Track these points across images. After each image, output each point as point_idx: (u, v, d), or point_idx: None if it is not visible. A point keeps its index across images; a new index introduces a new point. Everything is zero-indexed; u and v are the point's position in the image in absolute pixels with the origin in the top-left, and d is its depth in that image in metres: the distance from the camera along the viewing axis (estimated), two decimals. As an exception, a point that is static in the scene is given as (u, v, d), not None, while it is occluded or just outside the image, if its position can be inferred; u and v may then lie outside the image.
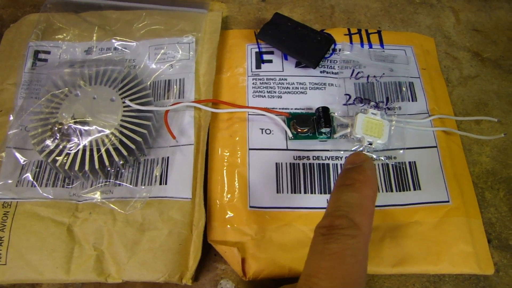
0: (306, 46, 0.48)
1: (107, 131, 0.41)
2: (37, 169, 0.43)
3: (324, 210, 0.41)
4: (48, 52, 0.49)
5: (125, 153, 0.41)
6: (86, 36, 0.50)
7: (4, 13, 0.55)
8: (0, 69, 0.49)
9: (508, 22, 0.56)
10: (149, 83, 0.47)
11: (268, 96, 0.47)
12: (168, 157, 0.43)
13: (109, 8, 0.52)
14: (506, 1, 0.58)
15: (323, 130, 0.44)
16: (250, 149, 0.44)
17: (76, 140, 0.41)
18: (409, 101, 0.47)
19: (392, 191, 0.43)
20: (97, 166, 0.40)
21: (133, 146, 0.41)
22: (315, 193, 0.42)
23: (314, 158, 0.44)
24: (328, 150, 0.44)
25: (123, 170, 0.43)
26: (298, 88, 0.48)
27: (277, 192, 0.42)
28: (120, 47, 0.49)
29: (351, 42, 0.51)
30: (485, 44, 0.54)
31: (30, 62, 0.49)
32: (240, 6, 0.56)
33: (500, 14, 0.57)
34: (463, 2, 0.58)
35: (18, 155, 0.43)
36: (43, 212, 0.41)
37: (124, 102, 0.43)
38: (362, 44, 0.51)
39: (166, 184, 0.42)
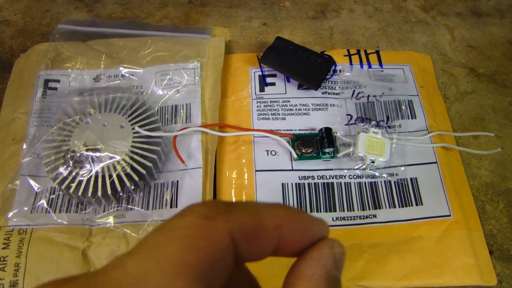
0: (308, 68, 0.50)
1: (118, 157, 0.42)
2: (51, 196, 0.44)
3: (329, 227, 0.43)
4: (58, 81, 0.51)
5: (136, 178, 0.42)
6: (94, 64, 0.52)
7: (13, 43, 0.57)
8: (12, 99, 0.50)
9: (501, 37, 0.58)
10: (156, 108, 0.49)
11: (272, 118, 0.49)
12: (177, 181, 0.45)
13: (115, 36, 0.54)
14: (498, 18, 0.60)
15: (327, 150, 0.45)
16: (256, 170, 0.45)
17: (88, 166, 0.42)
18: (408, 118, 0.49)
19: (395, 207, 0.44)
20: (109, 192, 0.41)
21: (143, 171, 0.42)
22: (320, 211, 0.44)
23: (319, 177, 0.45)
24: (332, 169, 0.46)
25: (135, 195, 0.44)
26: (301, 110, 0.49)
27: (284, 212, 0.43)
28: (127, 74, 0.51)
29: (350, 63, 0.53)
30: (480, 60, 0.56)
31: (40, 91, 0.50)
32: (242, 30, 0.57)
33: (493, 30, 0.59)
34: (457, 20, 0.59)
35: (32, 182, 0.44)
36: (57, 238, 0.42)
37: (133, 129, 0.44)
38: (361, 65, 0.53)
39: (176, 207, 0.43)
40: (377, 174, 0.45)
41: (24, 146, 0.47)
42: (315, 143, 0.46)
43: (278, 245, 0.22)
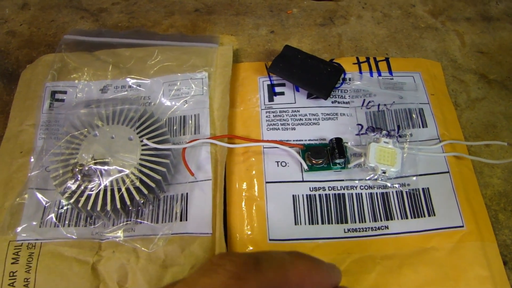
0: (317, 77, 0.49)
1: (127, 171, 0.42)
2: (60, 210, 0.44)
3: (341, 239, 0.42)
4: (65, 92, 0.51)
5: (145, 191, 0.42)
6: (101, 75, 0.51)
7: (19, 54, 0.56)
8: (19, 110, 0.50)
9: (511, 42, 0.57)
10: (164, 119, 0.48)
11: (282, 128, 0.48)
12: (187, 193, 0.44)
13: (121, 46, 0.54)
14: (508, 22, 0.59)
15: (338, 160, 0.45)
16: (267, 182, 0.45)
17: (97, 180, 0.42)
18: (419, 127, 0.48)
19: (407, 218, 0.43)
20: (118, 206, 0.41)
21: (153, 185, 0.42)
22: (332, 223, 0.43)
23: (330, 188, 0.45)
24: (342, 180, 0.45)
25: (144, 208, 0.44)
26: (311, 120, 0.49)
27: (295, 224, 0.43)
28: (134, 85, 0.51)
29: (360, 71, 0.52)
30: (490, 66, 0.55)
31: (47, 103, 0.50)
32: (249, 39, 0.57)
33: (503, 35, 0.58)
34: (467, 25, 0.59)
35: (40, 196, 0.44)
36: (67, 252, 0.42)
37: (142, 141, 0.44)
38: (371, 73, 0.52)
39: (186, 220, 0.43)
40: (388, 184, 0.45)
41: (32, 159, 0.46)
42: (326, 154, 0.45)
43: None
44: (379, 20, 0.59)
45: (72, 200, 0.41)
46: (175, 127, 0.48)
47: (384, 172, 0.44)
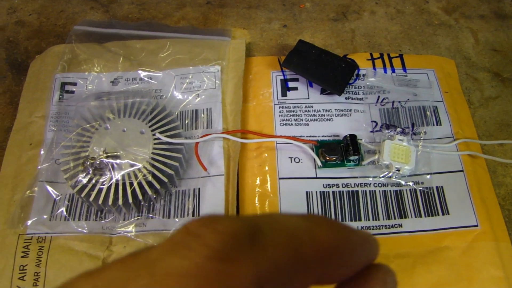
0: (331, 73, 0.49)
1: (139, 165, 0.41)
2: (70, 203, 0.43)
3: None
4: (75, 84, 0.50)
5: (157, 186, 0.41)
6: (111, 66, 0.51)
7: (29, 44, 0.55)
8: (28, 102, 0.49)
9: (525, 41, 0.57)
10: (176, 113, 0.48)
11: (295, 124, 0.48)
12: (199, 189, 0.44)
13: (132, 37, 0.53)
14: (523, 20, 0.59)
15: (352, 157, 0.44)
16: (280, 178, 0.45)
17: (108, 174, 0.41)
18: (434, 125, 0.48)
19: (421, 216, 0.43)
20: (130, 200, 0.41)
21: (165, 179, 0.41)
22: (345, 220, 0.43)
23: (343, 185, 0.44)
24: (356, 177, 0.45)
25: (156, 203, 0.43)
26: (324, 116, 0.48)
27: (309, 221, 0.42)
28: (146, 78, 0.50)
29: (374, 67, 0.51)
30: (504, 64, 0.54)
31: (57, 94, 0.49)
32: (262, 32, 0.56)
33: (517, 33, 0.57)
34: (480, 22, 0.58)
35: (50, 189, 0.43)
36: (77, 246, 0.41)
37: (154, 135, 0.43)
38: (385, 69, 0.51)
39: (198, 215, 0.42)
40: (402, 182, 0.44)
41: (42, 152, 0.46)
42: (340, 151, 0.45)
43: (318, 279, 0.16)
44: (393, 16, 0.58)
45: (83, 194, 0.41)
46: (187, 121, 0.47)
47: (398, 170, 0.44)
